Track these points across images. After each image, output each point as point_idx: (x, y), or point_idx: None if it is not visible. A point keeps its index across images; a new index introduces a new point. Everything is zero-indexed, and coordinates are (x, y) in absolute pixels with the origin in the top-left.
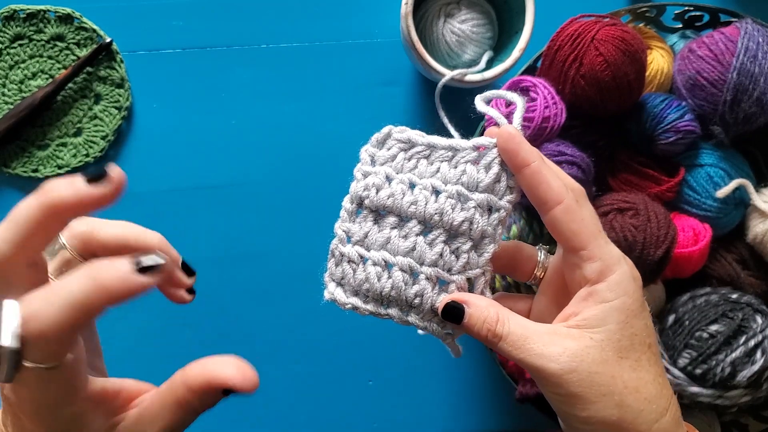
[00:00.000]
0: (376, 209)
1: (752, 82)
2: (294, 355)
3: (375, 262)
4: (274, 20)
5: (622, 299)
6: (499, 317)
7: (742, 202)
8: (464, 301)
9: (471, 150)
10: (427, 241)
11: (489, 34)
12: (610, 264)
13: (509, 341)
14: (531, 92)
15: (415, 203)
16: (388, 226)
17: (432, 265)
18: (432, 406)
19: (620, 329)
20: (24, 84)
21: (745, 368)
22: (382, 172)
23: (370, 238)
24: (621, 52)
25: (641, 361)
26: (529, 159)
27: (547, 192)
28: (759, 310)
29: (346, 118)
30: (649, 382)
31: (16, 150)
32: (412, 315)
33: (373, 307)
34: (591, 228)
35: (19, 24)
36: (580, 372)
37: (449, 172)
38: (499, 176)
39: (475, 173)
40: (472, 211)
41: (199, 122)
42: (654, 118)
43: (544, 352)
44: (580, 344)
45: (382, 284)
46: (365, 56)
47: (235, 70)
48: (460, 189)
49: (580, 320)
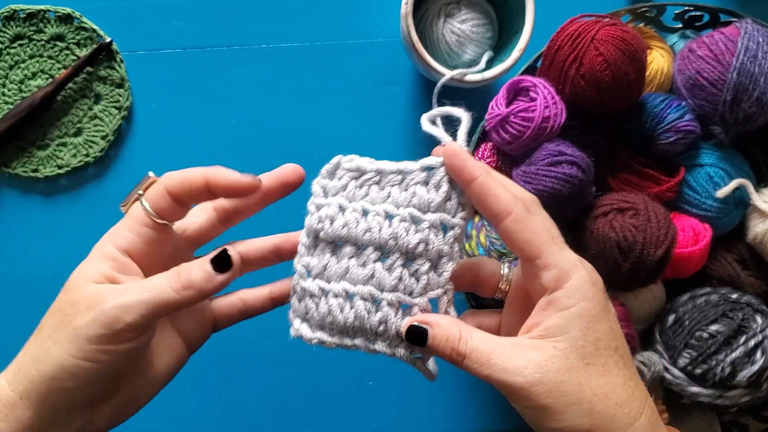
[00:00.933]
0: (332, 240)
1: (752, 82)
2: (294, 355)
3: (336, 293)
4: (274, 20)
5: (581, 304)
6: (461, 335)
7: (742, 202)
8: (426, 323)
9: (419, 171)
10: (385, 267)
11: (489, 34)
12: (566, 270)
13: (473, 358)
14: (531, 92)
15: (370, 230)
16: (346, 256)
17: (392, 290)
18: (432, 406)
19: (583, 335)
20: (24, 84)
21: (745, 368)
22: (334, 202)
23: (329, 270)
24: (621, 52)
25: (608, 365)
26: (474, 174)
27: (495, 204)
28: (759, 310)
29: (346, 118)
30: (618, 386)
31: (16, 150)
32: (378, 343)
33: (338, 340)
34: (543, 236)
35: (19, 24)
36: (546, 383)
37: (400, 195)
38: (449, 194)
39: (425, 194)
40: (426, 231)
41: (199, 122)
42: (654, 118)
43: (509, 366)
44: (543, 355)
45: (345, 315)
46: (365, 56)
47: (235, 70)
48: (412, 211)
49: (542, 330)
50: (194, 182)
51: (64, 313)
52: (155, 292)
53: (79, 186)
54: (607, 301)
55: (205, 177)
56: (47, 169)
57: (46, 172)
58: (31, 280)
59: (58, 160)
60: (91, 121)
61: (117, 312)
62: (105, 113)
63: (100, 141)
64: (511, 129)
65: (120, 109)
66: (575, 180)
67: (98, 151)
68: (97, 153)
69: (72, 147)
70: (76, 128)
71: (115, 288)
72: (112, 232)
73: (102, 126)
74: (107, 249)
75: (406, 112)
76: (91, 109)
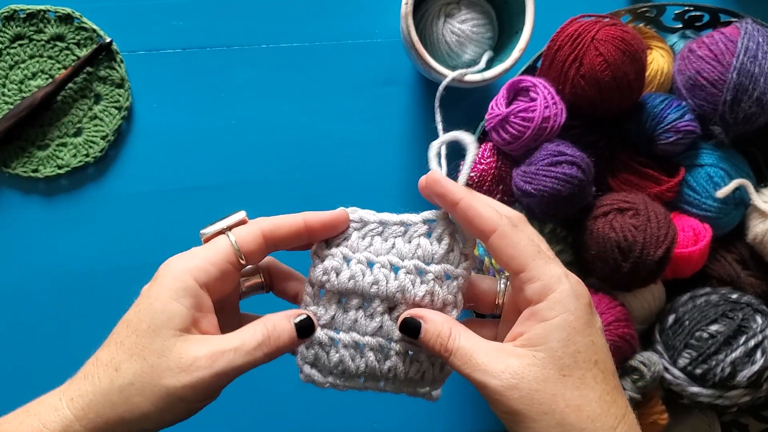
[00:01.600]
0: (338, 292)
1: (752, 82)
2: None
3: (346, 344)
4: (274, 20)
5: (563, 317)
6: (451, 332)
7: (742, 202)
8: (421, 317)
9: (422, 224)
10: (392, 318)
11: (489, 34)
12: (549, 283)
13: (458, 356)
14: (531, 92)
15: (377, 283)
16: (353, 308)
17: (400, 341)
18: (432, 406)
19: (562, 347)
20: (24, 84)
21: (745, 368)
22: (339, 253)
23: (337, 320)
24: (621, 52)
25: (586, 378)
26: (456, 196)
27: (480, 223)
28: (759, 310)
29: (346, 118)
30: (593, 400)
31: (16, 150)
32: (388, 385)
33: (350, 383)
34: (528, 249)
35: (19, 24)
36: (520, 389)
37: (404, 247)
38: (451, 246)
39: (428, 246)
40: (432, 283)
41: (199, 122)
42: (654, 118)
43: (488, 368)
44: (522, 362)
45: (357, 364)
46: (365, 56)
47: (235, 70)
48: (417, 263)
49: (524, 339)
50: (294, 225)
51: (150, 363)
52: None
53: (79, 186)
54: (591, 315)
55: (304, 219)
56: (47, 169)
57: (46, 172)
58: (31, 280)
59: (58, 160)
60: (91, 121)
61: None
62: (105, 113)
63: (100, 141)
64: (511, 129)
65: (120, 109)
66: (575, 180)
67: (98, 151)
68: (97, 153)
69: (72, 147)
70: (76, 128)
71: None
72: (193, 262)
73: (102, 126)
74: (190, 284)
75: (406, 112)
76: (91, 109)
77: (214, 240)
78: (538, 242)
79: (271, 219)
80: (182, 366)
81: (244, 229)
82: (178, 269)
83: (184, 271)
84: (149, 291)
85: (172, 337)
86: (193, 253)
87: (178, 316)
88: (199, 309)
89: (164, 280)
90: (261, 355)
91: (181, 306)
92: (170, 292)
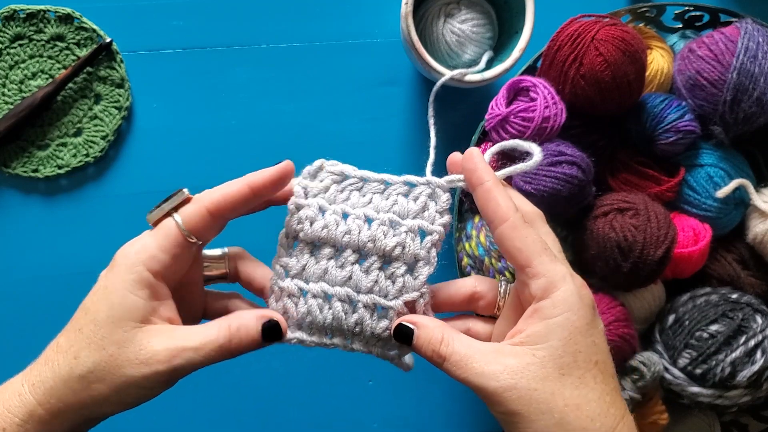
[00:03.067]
0: (311, 242)
1: (752, 82)
2: (294, 355)
3: (315, 294)
4: (274, 20)
5: (565, 315)
6: (443, 338)
7: (742, 202)
8: (414, 323)
9: (402, 184)
10: (362, 269)
11: (489, 34)
12: (554, 281)
13: (452, 361)
14: (531, 92)
15: (349, 232)
16: (325, 257)
17: (368, 293)
18: (432, 406)
19: (563, 345)
20: (24, 84)
21: (745, 368)
22: (314, 203)
23: (308, 270)
24: (621, 52)
25: (585, 378)
26: (483, 178)
27: (495, 209)
28: (759, 310)
29: (346, 118)
30: (593, 400)
31: (16, 150)
32: (356, 342)
33: (317, 338)
34: (536, 246)
35: (19, 24)
36: (519, 389)
37: (381, 202)
38: (427, 205)
39: (405, 203)
40: (404, 235)
41: (199, 122)
42: (654, 118)
43: (485, 370)
44: (521, 361)
45: (324, 315)
46: (365, 56)
47: (235, 70)
48: (391, 216)
49: (524, 337)
50: (239, 193)
51: (110, 353)
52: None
53: (79, 186)
54: (594, 316)
55: (248, 183)
56: (47, 169)
57: (46, 172)
58: (31, 280)
59: (58, 160)
60: (91, 121)
61: (172, 374)
62: (105, 113)
63: (100, 141)
64: (511, 129)
65: (120, 109)
66: (575, 180)
67: (98, 151)
68: (97, 153)
69: (72, 147)
70: (76, 128)
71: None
72: (145, 252)
73: (102, 126)
74: (144, 275)
75: (406, 112)
76: (91, 109)
77: (162, 224)
78: (547, 239)
79: (214, 191)
80: (142, 359)
81: (189, 207)
82: (131, 259)
83: (137, 262)
84: (106, 280)
85: (132, 329)
86: (144, 240)
87: (136, 308)
88: (156, 298)
89: (119, 270)
90: (220, 356)
91: (137, 298)
92: (125, 284)
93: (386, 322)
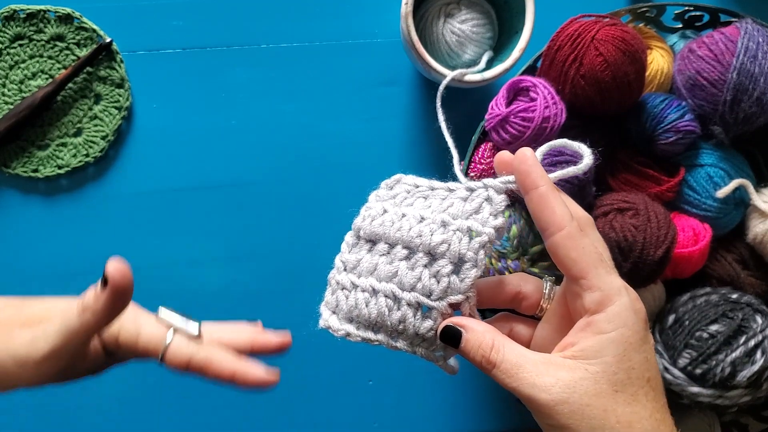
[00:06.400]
0: (369, 239)
1: (752, 82)
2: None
3: (363, 288)
4: (274, 20)
5: (620, 331)
6: (494, 344)
7: (742, 202)
8: (462, 326)
9: (464, 190)
10: (408, 265)
11: (489, 34)
12: (609, 294)
13: (503, 369)
14: (531, 92)
15: (401, 228)
16: (378, 253)
17: (411, 290)
18: (432, 406)
19: (617, 362)
20: (24, 84)
21: (745, 368)
22: (380, 206)
23: (362, 265)
24: (621, 52)
25: (638, 395)
26: (538, 182)
27: (550, 217)
28: (759, 310)
29: (346, 118)
30: (644, 417)
31: (16, 150)
32: (399, 341)
33: (363, 333)
34: (592, 257)
35: (19, 24)
36: (571, 404)
37: (439, 205)
38: (481, 207)
39: (461, 206)
40: (451, 233)
41: (199, 122)
42: (654, 118)
43: (537, 382)
44: (574, 376)
45: (369, 310)
46: (365, 56)
47: (235, 70)
48: (444, 216)
49: (576, 351)
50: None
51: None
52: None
53: (79, 186)
54: (646, 332)
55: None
56: (47, 169)
57: (46, 172)
58: (31, 280)
59: (58, 160)
60: (91, 121)
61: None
62: (105, 113)
63: (100, 141)
64: (511, 129)
65: (120, 109)
66: (575, 180)
67: (98, 151)
68: (97, 153)
69: (72, 147)
70: (76, 128)
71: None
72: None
73: (102, 126)
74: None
75: (406, 112)
76: (91, 109)
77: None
78: (601, 250)
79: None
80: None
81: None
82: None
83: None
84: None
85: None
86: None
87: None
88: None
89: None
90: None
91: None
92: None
93: (430, 322)
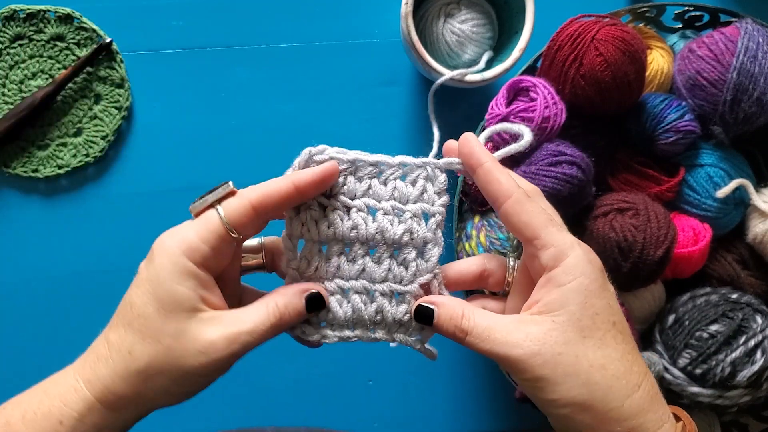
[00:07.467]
0: (318, 241)
1: (752, 82)
2: (294, 355)
3: (332, 291)
4: (274, 20)
5: (579, 280)
6: (464, 313)
7: (742, 202)
8: (433, 302)
9: (398, 167)
10: (374, 260)
11: (489, 34)
12: (563, 249)
13: (475, 334)
14: (531, 92)
15: (356, 228)
16: (335, 254)
17: (383, 281)
18: (432, 406)
19: (580, 309)
20: (24, 84)
21: (745, 368)
22: (315, 203)
23: (321, 270)
24: (621, 52)
25: (606, 339)
26: (482, 159)
27: (498, 187)
28: (759, 310)
29: (346, 118)
30: (616, 359)
31: (16, 150)
32: (378, 332)
33: (339, 332)
34: (541, 218)
35: (19, 24)
36: (543, 354)
37: (380, 189)
38: (425, 187)
39: (404, 188)
40: (410, 222)
41: (199, 122)
42: (654, 118)
43: (509, 339)
44: (542, 328)
45: (344, 310)
46: (365, 56)
47: (234, 70)
48: (394, 204)
49: (541, 306)
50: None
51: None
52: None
53: (79, 186)
54: (604, 280)
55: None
56: (47, 169)
57: (46, 172)
58: (31, 280)
59: (58, 160)
60: (91, 121)
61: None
62: (105, 113)
63: (100, 141)
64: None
65: (120, 109)
66: (575, 180)
67: (98, 151)
68: (97, 153)
69: (72, 147)
70: (76, 128)
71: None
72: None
73: (102, 126)
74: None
75: (406, 112)
76: (91, 109)
77: (204, 216)
78: (550, 212)
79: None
80: (199, 348)
81: (233, 201)
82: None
83: (179, 254)
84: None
85: (185, 320)
86: (184, 230)
87: (186, 299)
88: (203, 287)
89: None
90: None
91: (185, 289)
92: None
93: (405, 306)
